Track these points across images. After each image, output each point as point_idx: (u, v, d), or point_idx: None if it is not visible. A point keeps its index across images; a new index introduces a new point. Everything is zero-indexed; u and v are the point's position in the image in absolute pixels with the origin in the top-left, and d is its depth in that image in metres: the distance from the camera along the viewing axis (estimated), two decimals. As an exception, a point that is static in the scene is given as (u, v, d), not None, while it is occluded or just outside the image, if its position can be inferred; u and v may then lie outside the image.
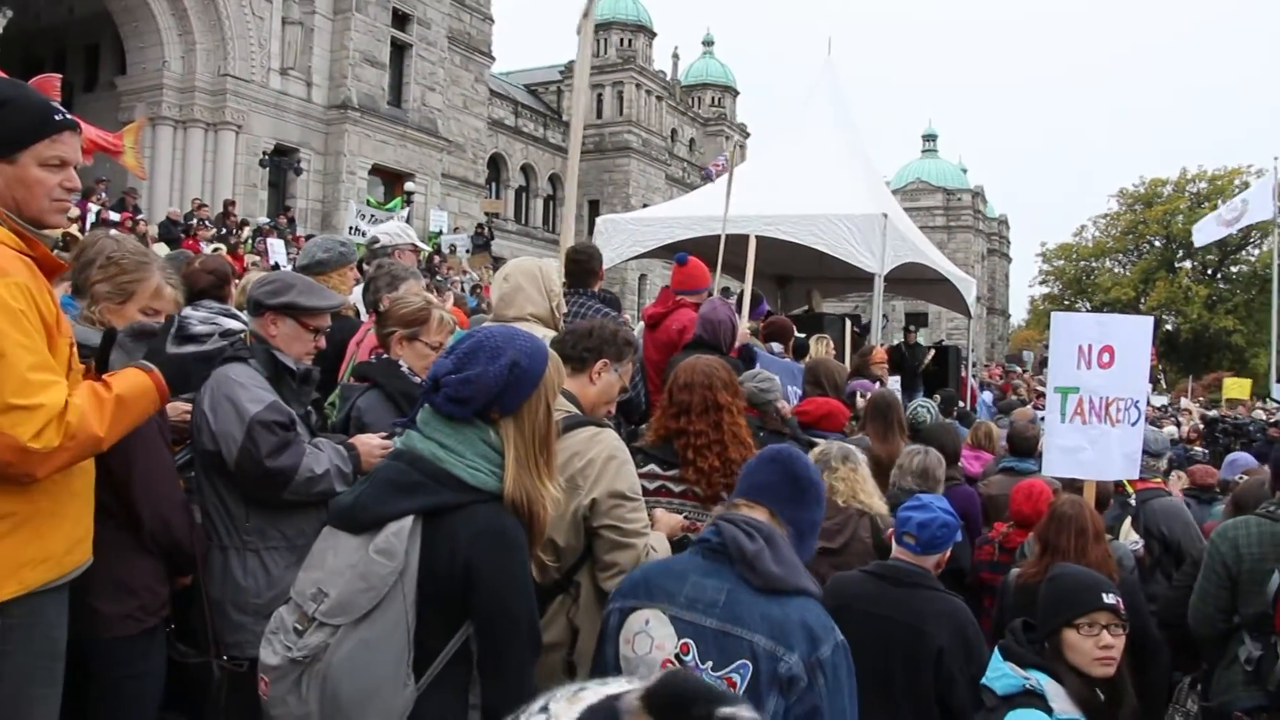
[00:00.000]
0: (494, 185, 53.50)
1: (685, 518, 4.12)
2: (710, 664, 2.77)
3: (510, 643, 2.73)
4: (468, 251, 34.55)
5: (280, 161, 34.81)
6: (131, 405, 3.00)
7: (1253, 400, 28.26)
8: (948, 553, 4.55)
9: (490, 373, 2.73)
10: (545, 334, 4.39)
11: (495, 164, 53.48)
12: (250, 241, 24.57)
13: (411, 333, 4.54)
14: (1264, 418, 18.44)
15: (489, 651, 2.70)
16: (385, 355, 4.58)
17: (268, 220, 29.63)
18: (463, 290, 22.81)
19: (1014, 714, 3.38)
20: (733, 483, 3.42)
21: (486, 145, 50.72)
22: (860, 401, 7.79)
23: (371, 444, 4.02)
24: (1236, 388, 28.99)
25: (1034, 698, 3.42)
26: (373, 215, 21.07)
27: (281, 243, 22.97)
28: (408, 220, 22.64)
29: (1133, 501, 6.72)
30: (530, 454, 2.81)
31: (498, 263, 29.22)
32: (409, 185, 38.06)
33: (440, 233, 33.87)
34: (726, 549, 2.87)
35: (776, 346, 8.86)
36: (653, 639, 2.85)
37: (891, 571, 4.39)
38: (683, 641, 2.81)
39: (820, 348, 9.85)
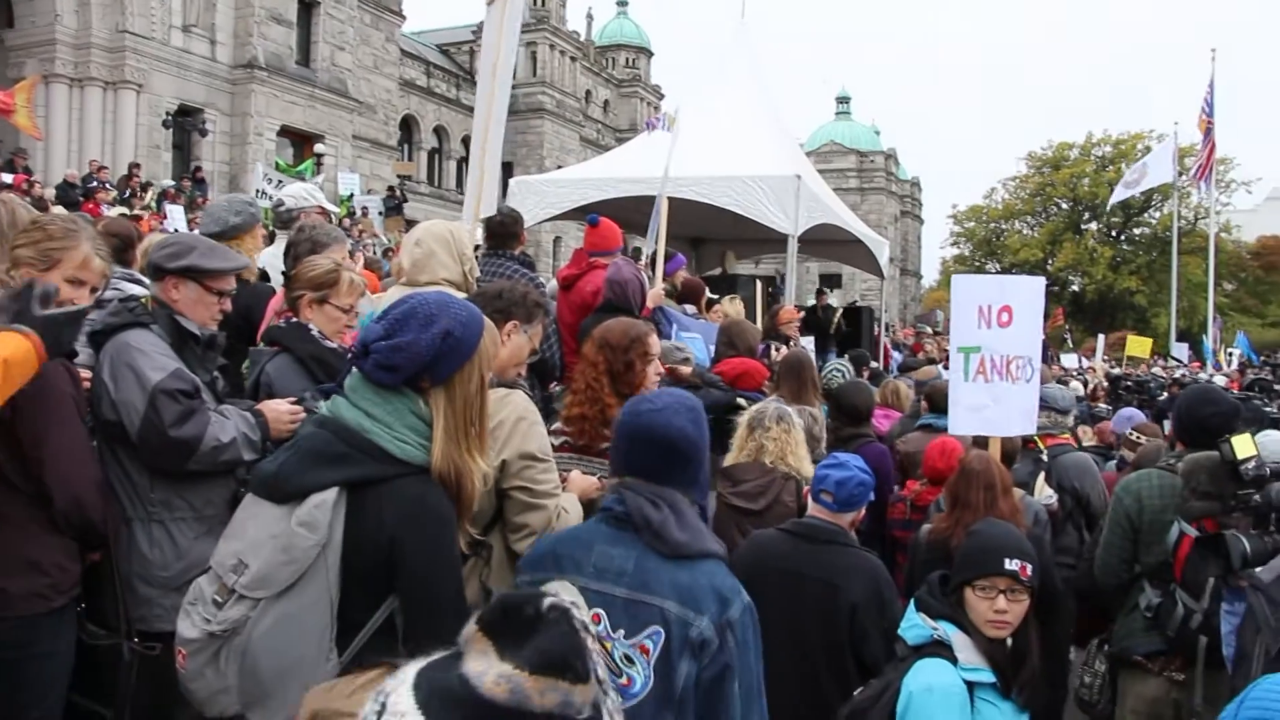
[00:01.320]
0: (406, 147, 52.78)
1: (601, 479, 4.12)
2: (622, 632, 2.78)
3: (435, 618, 2.67)
4: (380, 214, 34.08)
5: (184, 122, 33.90)
6: (14, 371, 2.89)
7: (1153, 358, 29.09)
8: (862, 511, 4.64)
9: (422, 341, 2.68)
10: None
11: (407, 125, 52.74)
12: (156, 204, 23.97)
13: (321, 295, 4.46)
14: (1164, 375, 19.01)
15: (414, 626, 2.67)
16: (294, 319, 4.51)
17: (172, 183, 28.92)
18: (375, 254, 22.49)
19: (920, 663, 3.46)
20: None
21: (398, 106, 49.99)
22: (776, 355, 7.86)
23: (280, 410, 3.96)
24: (1138, 346, 29.77)
25: (942, 648, 3.50)
26: (279, 179, 20.59)
27: (181, 209, 22.38)
28: (319, 183, 22.20)
29: (1044, 457, 6.86)
30: (460, 426, 2.77)
31: (411, 226, 28.90)
32: (319, 147, 37.27)
33: (352, 196, 33.31)
34: (631, 517, 2.87)
35: (690, 308, 8.87)
36: None
37: (807, 529, 4.46)
38: (594, 612, 2.79)
39: (732, 308, 9.89)
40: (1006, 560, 3.59)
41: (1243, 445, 3.90)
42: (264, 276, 5.99)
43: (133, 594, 3.69)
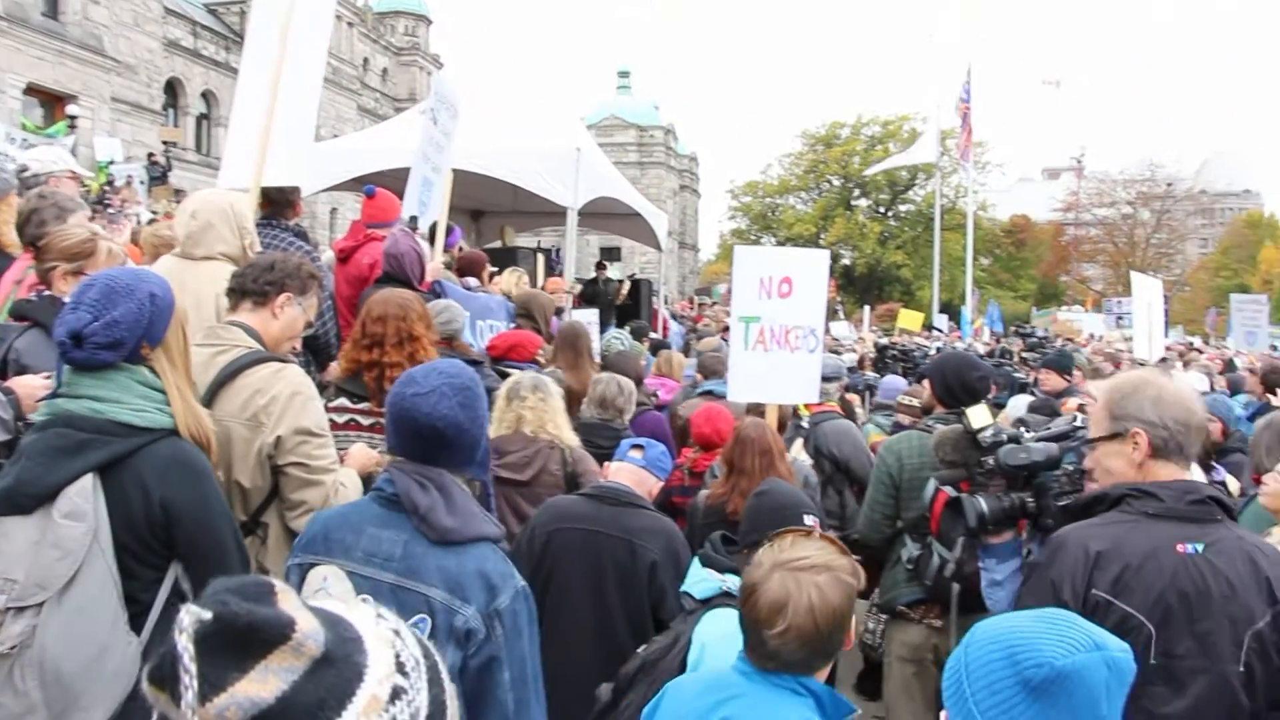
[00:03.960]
0: (172, 112, 50.16)
1: (381, 452, 4.08)
2: None
3: (224, 566, 2.71)
4: (144, 183, 32.37)
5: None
6: None
7: (921, 329, 30.53)
8: (659, 484, 4.78)
9: (134, 309, 2.70)
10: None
11: (172, 89, 50.08)
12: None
13: (76, 267, 4.23)
14: (926, 344, 19.94)
15: (205, 581, 2.61)
16: (47, 292, 4.27)
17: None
18: (139, 224, 21.40)
19: (711, 613, 3.56)
20: None
21: (162, 68, 47.37)
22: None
23: (33, 385, 3.76)
24: (910, 319, 31.21)
25: (730, 598, 3.58)
26: (25, 139, 19.25)
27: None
28: (72, 148, 20.88)
29: (805, 424, 7.13)
30: (186, 380, 2.82)
31: (177, 194, 27.55)
32: (71, 108, 34.79)
33: (112, 162, 31.50)
34: (401, 500, 2.83)
35: (472, 281, 8.83)
36: (331, 596, 2.77)
37: (606, 492, 4.57)
38: (361, 597, 2.74)
39: (512, 280, 9.90)
40: (805, 516, 3.80)
41: (978, 415, 4.16)
42: None
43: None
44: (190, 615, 1.10)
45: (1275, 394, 9.19)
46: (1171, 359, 15.30)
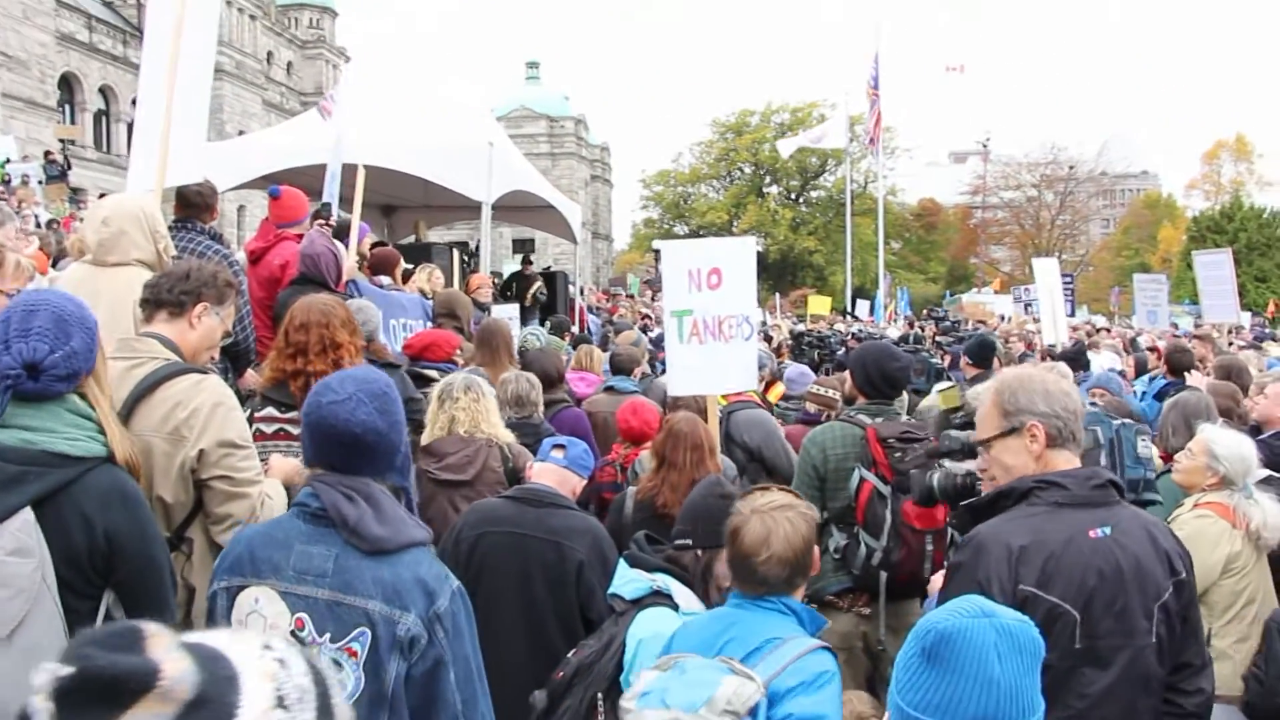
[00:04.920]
0: (68, 109, 48.84)
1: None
2: (328, 636, 2.70)
3: (160, 593, 2.70)
4: (41, 183, 31.46)
5: None
6: None
7: (833, 314, 30.87)
8: (583, 483, 4.76)
9: (87, 340, 2.68)
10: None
11: (68, 84, 48.78)
12: None
13: (-17, 280, 4.12)
14: (843, 330, 20.11)
15: (143, 609, 2.61)
16: (-51, 305, 4.13)
17: None
18: (38, 225, 20.80)
19: (644, 612, 3.55)
20: None
21: (56, 63, 46.09)
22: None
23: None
24: (819, 304, 31.53)
25: (662, 597, 3.60)
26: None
27: None
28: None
29: (719, 412, 7.14)
30: (111, 405, 2.77)
31: (77, 194, 26.83)
32: (-40, 107, 33.88)
33: (7, 160, 30.60)
34: (328, 513, 2.77)
35: (384, 279, 8.71)
36: (265, 618, 2.73)
37: (529, 494, 4.54)
38: (297, 617, 2.71)
39: (423, 277, 9.80)
40: None
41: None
42: None
43: None
44: (47, 673, 1.08)
45: (1180, 374, 9.41)
46: (1080, 339, 15.65)
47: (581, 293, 20.58)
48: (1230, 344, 16.37)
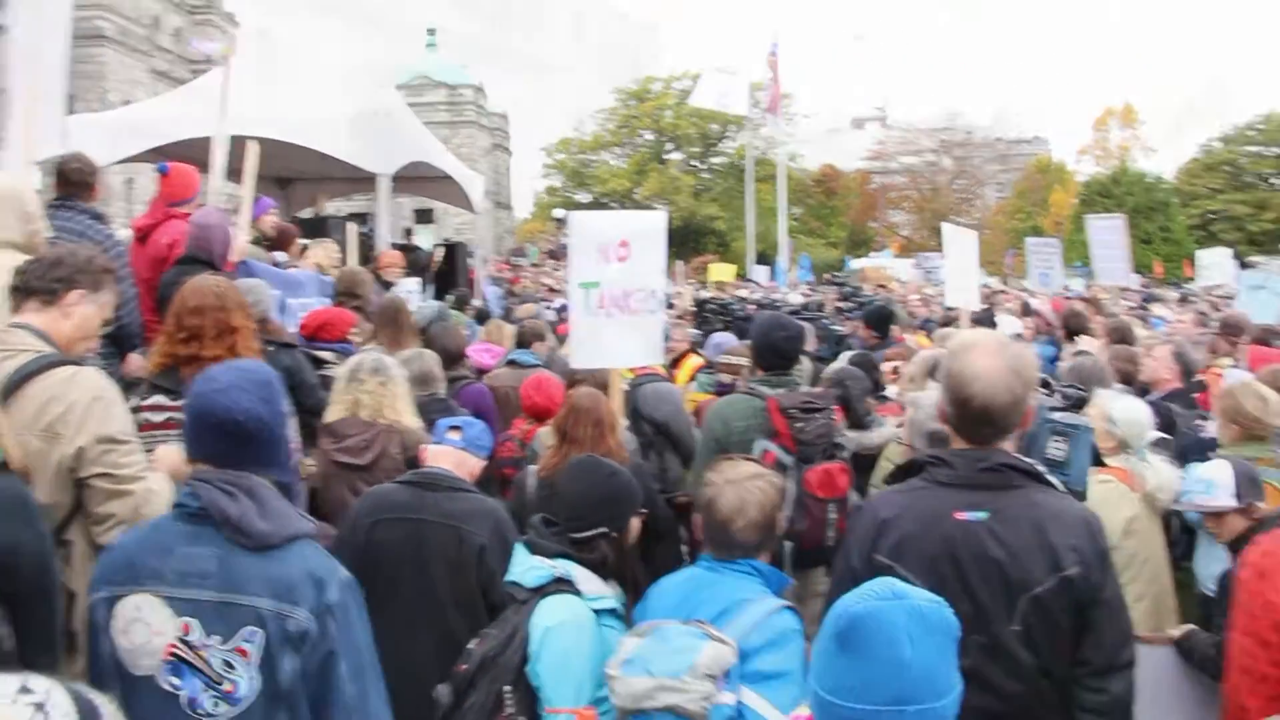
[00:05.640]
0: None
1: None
2: (218, 639, 2.63)
3: (53, 605, 2.65)
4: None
5: None
6: None
7: (736, 280, 30.97)
8: (483, 464, 4.66)
9: None
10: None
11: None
12: None
13: None
14: (746, 296, 20.17)
15: (39, 624, 2.56)
16: None
17: None
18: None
19: (547, 601, 3.49)
20: None
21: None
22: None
23: None
24: (721, 271, 31.56)
25: (563, 584, 3.55)
26: None
27: None
28: None
29: (625, 386, 7.10)
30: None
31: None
32: None
33: None
34: (208, 512, 2.69)
35: (280, 256, 8.50)
36: (149, 626, 2.65)
37: (426, 478, 4.42)
38: (183, 622, 2.64)
39: (319, 252, 9.60)
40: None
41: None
42: None
43: None
44: None
45: (1072, 339, 9.59)
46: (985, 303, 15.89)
47: (484, 263, 20.38)
48: (1119, 304, 16.82)
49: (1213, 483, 4.51)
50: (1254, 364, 7.11)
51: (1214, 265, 20.58)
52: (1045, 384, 4.34)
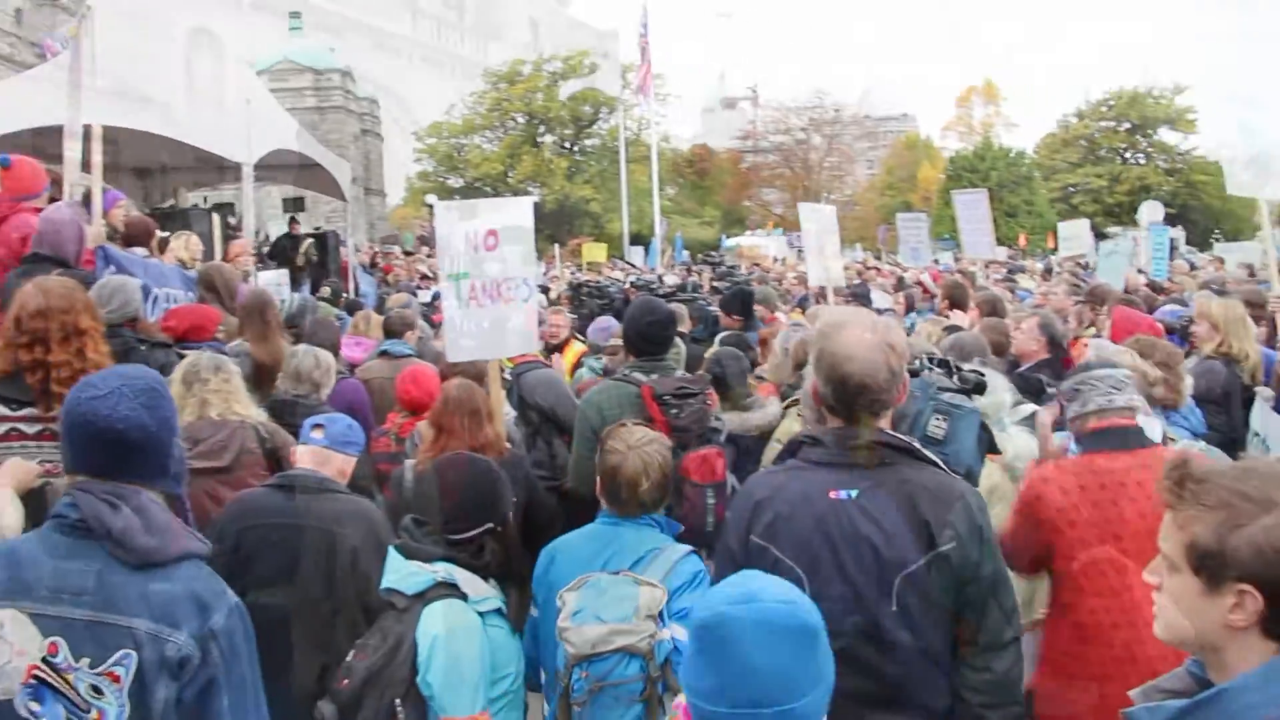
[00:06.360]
0: None
1: (42, 463, 3.70)
2: (86, 661, 2.46)
3: None
4: None
5: None
6: None
7: (609, 261, 30.95)
8: (353, 461, 4.53)
9: None
10: None
11: None
12: None
13: None
14: (621, 278, 20.13)
15: None
16: None
17: None
18: None
19: (433, 607, 3.40)
20: None
21: None
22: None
23: None
24: (594, 251, 31.51)
25: (448, 588, 3.47)
26: None
27: None
28: None
29: (508, 375, 7.03)
30: None
31: None
32: None
33: None
34: (88, 524, 2.53)
35: (139, 251, 8.18)
36: (11, 645, 2.46)
37: (295, 480, 4.30)
38: (50, 641, 2.46)
39: (179, 245, 9.30)
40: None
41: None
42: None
43: None
44: None
45: (952, 311, 9.76)
46: (850, 276, 16.16)
47: (356, 251, 20.01)
48: (986, 277, 17.27)
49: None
50: (1117, 331, 7.29)
51: (1074, 236, 21.25)
52: (945, 364, 4.38)
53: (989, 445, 4.24)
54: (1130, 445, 4.01)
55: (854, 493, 2.99)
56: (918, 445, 3.18)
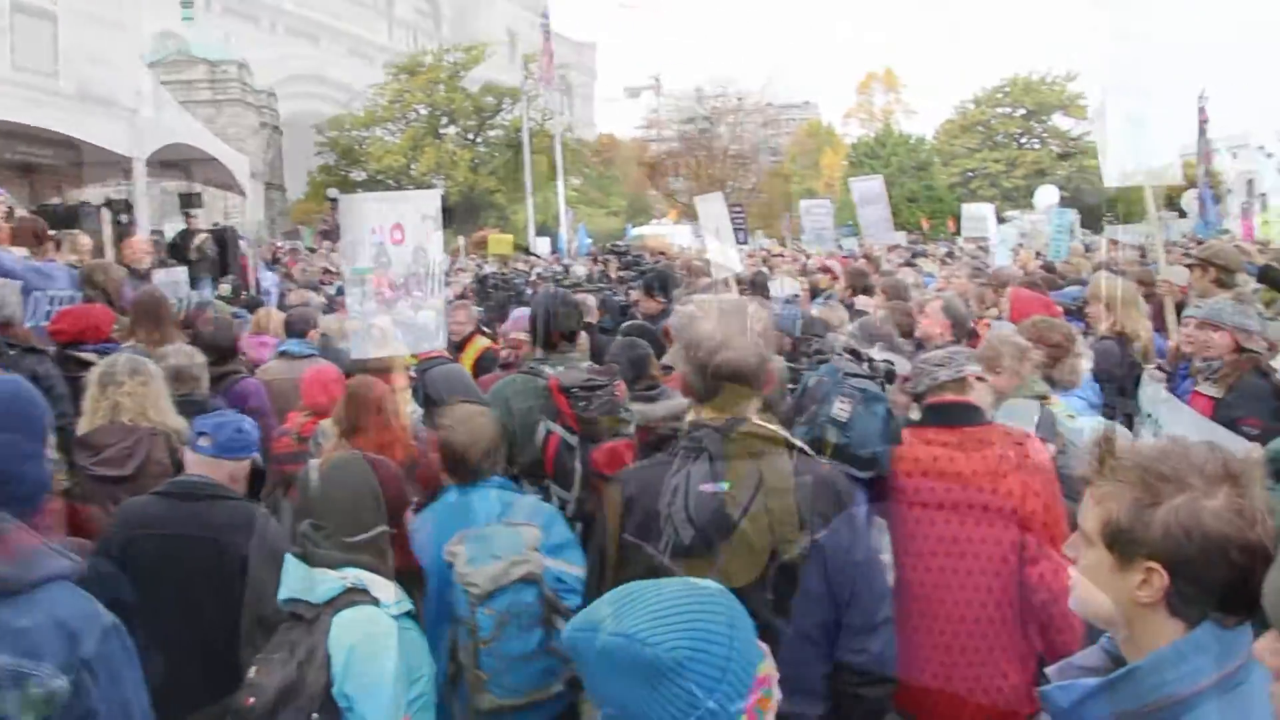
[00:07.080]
0: None
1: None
2: None
3: None
4: None
5: None
6: None
7: (515, 253, 30.73)
8: (246, 465, 4.39)
9: None
10: None
11: None
12: None
13: None
14: (526, 269, 20.00)
15: None
16: None
17: None
18: None
19: (344, 616, 3.23)
20: None
21: None
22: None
23: None
24: (500, 243, 31.25)
25: (357, 593, 3.30)
26: None
27: None
28: None
29: (413, 372, 6.93)
30: None
31: None
32: None
33: None
34: None
35: (21, 251, 7.89)
36: None
37: (183, 488, 4.14)
38: None
39: (68, 245, 9.03)
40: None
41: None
42: None
43: None
44: None
45: (855, 296, 9.89)
46: (758, 266, 16.25)
47: (256, 248, 19.61)
48: (892, 262, 17.50)
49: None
50: (1015, 313, 7.42)
51: (978, 218, 21.77)
52: (854, 353, 4.43)
53: (896, 433, 4.25)
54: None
55: (726, 485, 2.99)
56: (786, 434, 3.20)
